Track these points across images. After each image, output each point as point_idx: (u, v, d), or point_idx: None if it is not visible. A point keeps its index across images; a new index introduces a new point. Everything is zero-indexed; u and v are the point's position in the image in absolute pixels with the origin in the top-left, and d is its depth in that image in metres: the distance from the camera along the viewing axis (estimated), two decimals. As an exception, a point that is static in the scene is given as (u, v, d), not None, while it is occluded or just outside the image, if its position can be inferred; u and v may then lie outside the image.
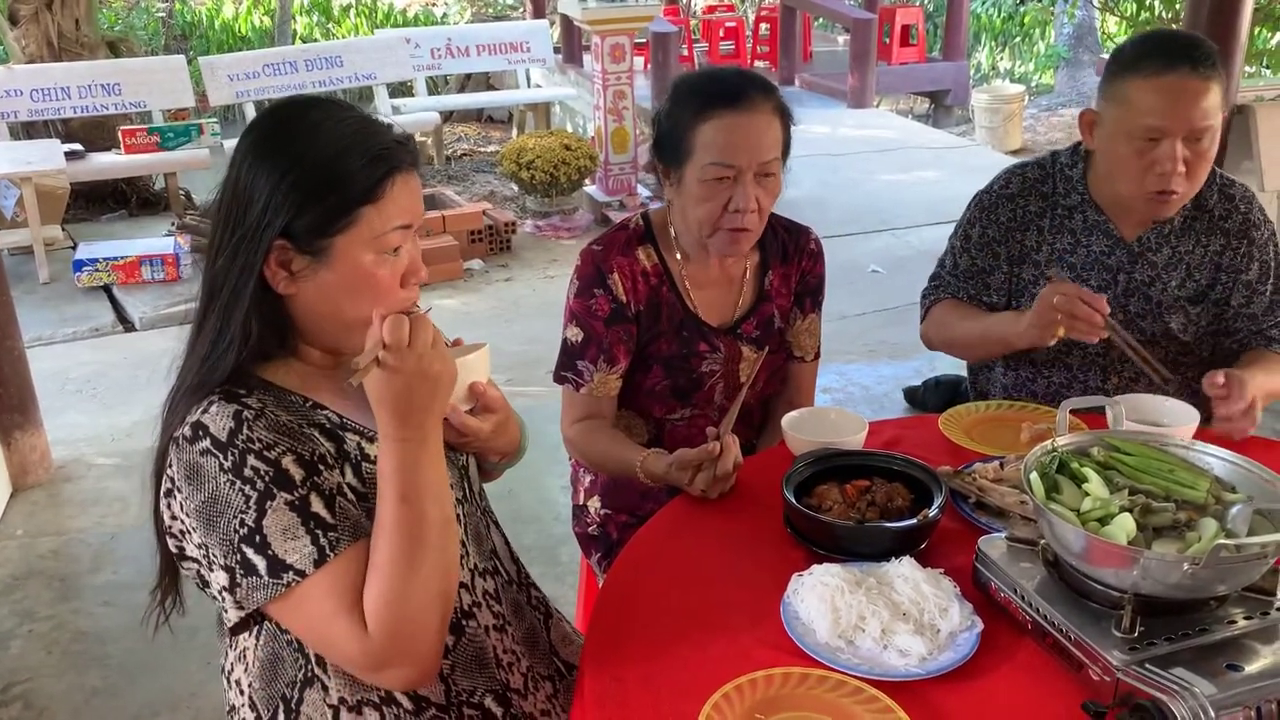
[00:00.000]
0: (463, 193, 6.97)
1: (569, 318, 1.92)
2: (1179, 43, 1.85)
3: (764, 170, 1.79)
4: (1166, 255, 2.01)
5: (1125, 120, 1.85)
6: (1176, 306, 2.02)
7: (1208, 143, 1.84)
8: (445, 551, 1.21)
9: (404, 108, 7.53)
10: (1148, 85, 1.82)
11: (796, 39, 10.73)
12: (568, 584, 2.87)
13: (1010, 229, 2.07)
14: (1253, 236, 2.00)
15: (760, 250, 1.98)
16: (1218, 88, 1.82)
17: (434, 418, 1.20)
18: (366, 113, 1.30)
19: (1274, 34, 7.24)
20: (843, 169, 7.52)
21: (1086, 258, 2.03)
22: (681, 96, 1.83)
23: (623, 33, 6.21)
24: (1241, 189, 2.04)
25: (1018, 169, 2.11)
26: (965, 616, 1.31)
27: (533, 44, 8.27)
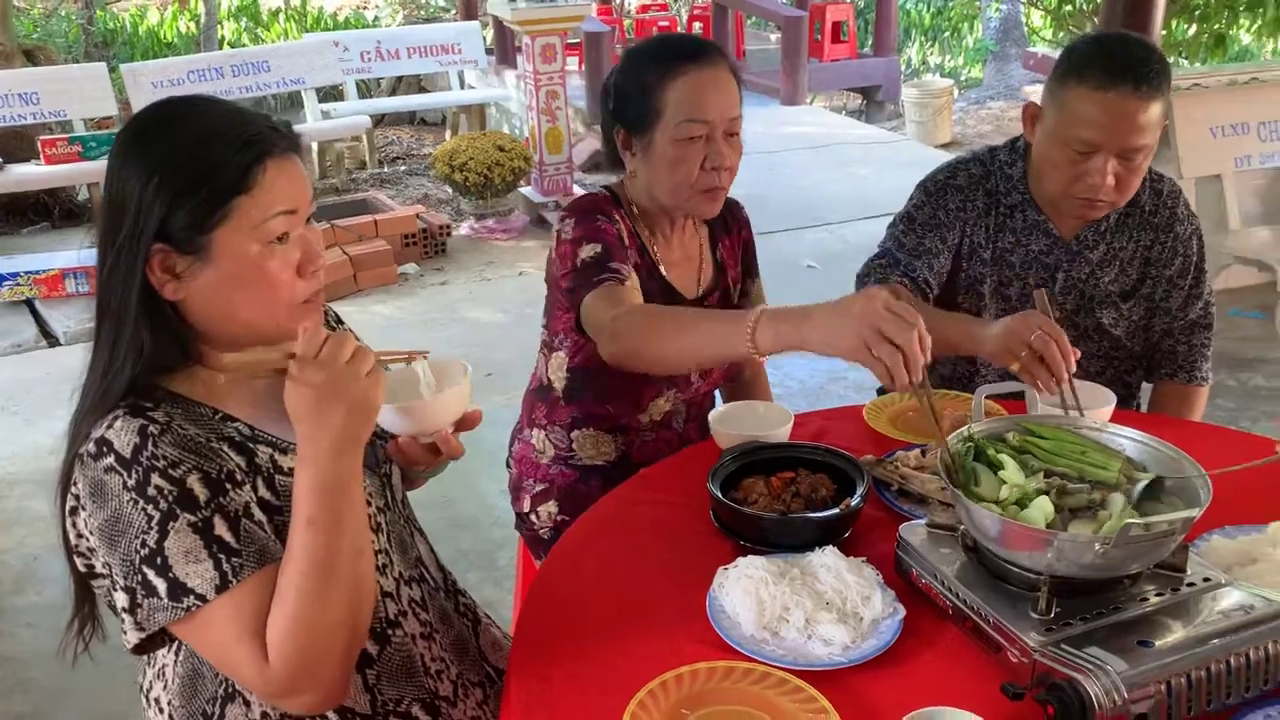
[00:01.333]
0: (396, 196, 6.90)
1: (573, 246, 1.76)
2: (1127, 57, 1.80)
3: (731, 129, 1.78)
4: (1102, 252, 2.03)
5: (1062, 127, 1.85)
6: (1109, 302, 2.04)
7: (1141, 159, 1.84)
8: (356, 581, 1.17)
9: (334, 112, 7.44)
10: (1089, 97, 1.80)
11: (729, 37, 10.77)
12: (505, 588, 2.85)
13: (960, 217, 2.04)
14: (1177, 231, 2.02)
15: (707, 224, 1.99)
16: (1160, 104, 1.80)
17: (347, 442, 1.15)
18: (235, 103, 1.26)
19: (1190, 25, 7.42)
20: (778, 166, 7.58)
21: (1026, 256, 2.04)
22: (640, 61, 1.81)
23: (553, 33, 6.19)
24: (1169, 184, 2.05)
25: (961, 164, 2.09)
26: (887, 604, 1.32)
27: (464, 46, 8.22)
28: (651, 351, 1.56)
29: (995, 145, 2.11)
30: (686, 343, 1.52)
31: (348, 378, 1.14)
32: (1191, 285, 2.05)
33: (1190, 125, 4.31)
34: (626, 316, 1.62)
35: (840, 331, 1.31)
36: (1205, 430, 1.94)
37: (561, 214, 1.85)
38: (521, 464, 2.02)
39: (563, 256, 1.78)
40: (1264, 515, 1.47)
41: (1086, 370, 2.08)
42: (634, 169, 1.84)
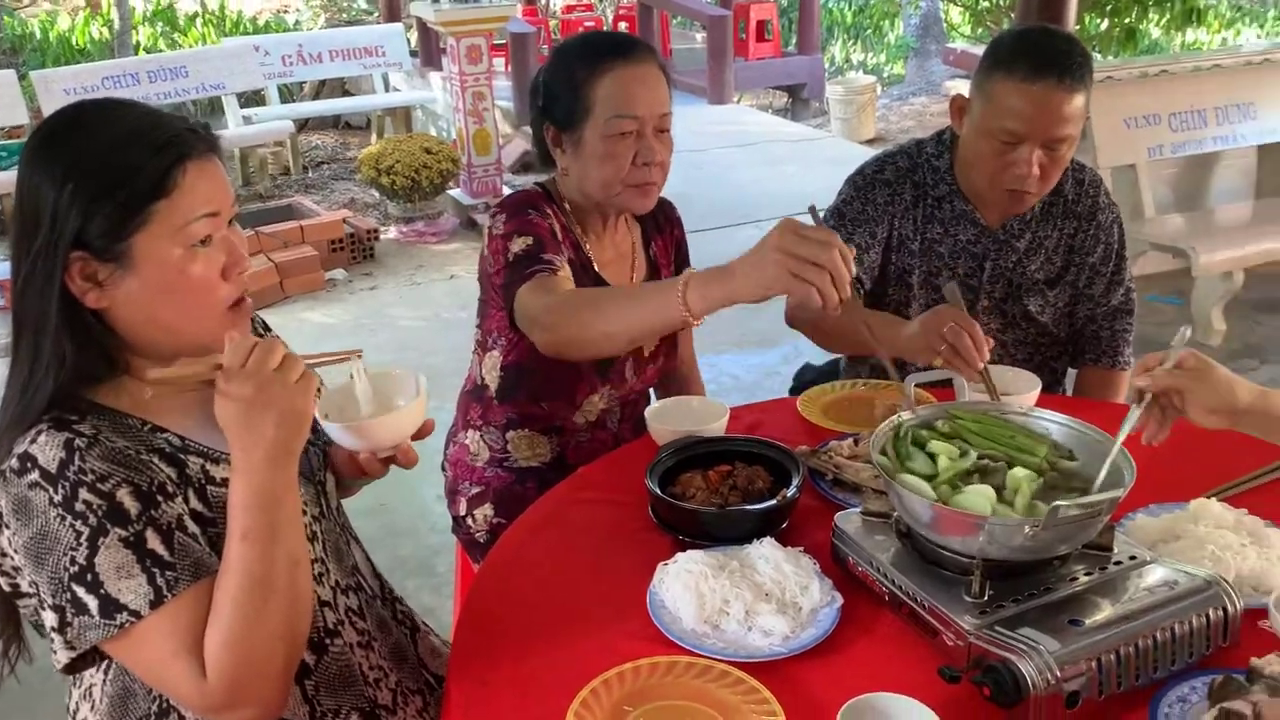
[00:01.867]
0: (322, 201, 6.80)
1: (505, 241, 1.75)
2: (1052, 50, 1.84)
3: (662, 125, 1.78)
4: (1027, 241, 2.07)
5: (988, 118, 1.88)
6: (1035, 289, 2.09)
7: (1065, 149, 1.88)
8: (293, 593, 1.15)
9: (256, 117, 7.31)
10: (1014, 89, 1.83)
11: (655, 37, 10.81)
12: (445, 594, 2.82)
13: (888, 211, 2.07)
14: (1099, 220, 2.08)
15: (639, 223, 1.99)
16: (1083, 96, 1.84)
17: (280, 452, 1.12)
18: (151, 106, 1.23)
19: (1102, 20, 7.62)
20: (706, 165, 7.61)
21: (954, 246, 2.07)
22: (569, 58, 1.80)
23: (478, 34, 6.15)
24: (1091, 174, 2.11)
25: (889, 158, 2.12)
26: (825, 592, 1.34)
27: (388, 48, 8.12)
28: (587, 334, 1.56)
29: (922, 138, 2.14)
30: (621, 319, 1.52)
31: (276, 386, 1.12)
32: (1113, 272, 2.10)
33: (1105, 116, 4.41)
34: (559, 305, 1.61)
35: (763, 268, 1.32)
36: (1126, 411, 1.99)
37: (493, 210, 1.83)
38: (457, 467, 2.00)
39: (495, 252, 1.77)
40: (1186, 493, 1.52)
41: (1014, 357, 2.13)
42: (565, 166, 1.83)
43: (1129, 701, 1.16)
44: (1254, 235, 4.39)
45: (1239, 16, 12.91)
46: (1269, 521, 1.44)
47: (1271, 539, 1.40)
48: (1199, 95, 4.63)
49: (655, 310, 1.46)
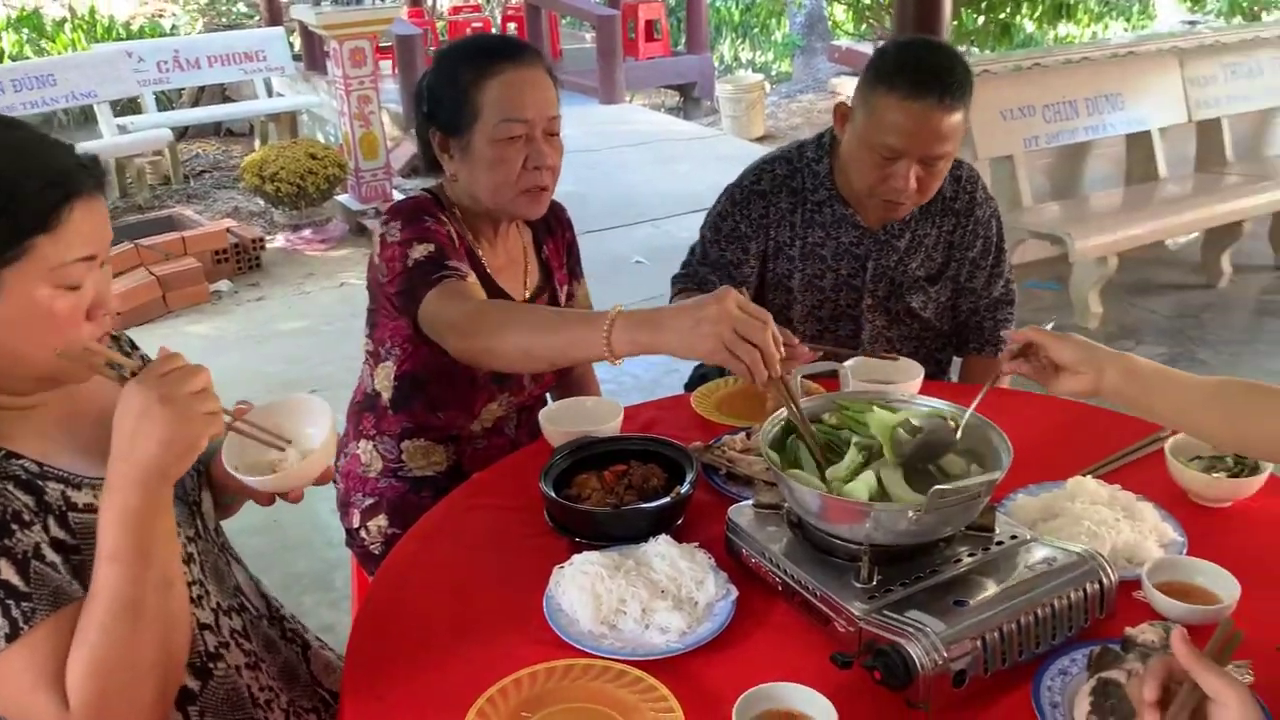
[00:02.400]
0: (205, 211, 6.60)
1: (403, 248, 1.70)
2: (934, 68, 1.86)
3: (552, 128, 1.76)
4: (908, 240, 2.11)
5: (869, 131, 1.91)
6: (917, 286, 2.14)
7: (943, 165, 1.92)
8: (166, 618, 1.10)
9: (132, 126, 7.05)
10: (895, 106, 1.85)
11: (544, 37, 10.77)
12: (344, 609, 2.76)
13: (762, 225, 2.11)
14: (977, 215, 2.13)
15: (530, 227, 1.97)
16: (962, 113, 1.88)
17: (156, 475, 1.07)
18: (42, 132, 1.18)
19: (979, 16, 7.86)
20: (599, 164, 7.61)
21: (837, 249, 2.11)
22: (454, 61, 1.77)
23: (362, 36, 6.04)
24: (968, 170, 2.15)
25: (767, 165, 2.14)
26: (720, 586, 1.35)
27: (269, 52, 7.92)
28: (507, 348, 1.53)
29: (804, 141, 2.17)
30: (543, 341, 1.50)
31: (181, 405, 1.07)
32: (993, 265, 2.17)
33: (982, 110, 4.54)
34: (478, 313, 1.58)
35: (699, 336, 1.34)
36: (1005, 395, 2.05)
37: (384, 218, 1.79)
38: (349, 479, 1.96)
39: (390, 260, 1.72)
40: (1063, 472, 1.57)
41: (900, 352, 2.17)
42: (453, 172, 1.80)
43: (1014, 677, 1.19)
44: (1125, 221, 4.57)
45: (1107, 11, 13.47)
46: (1141, 495, 1.50)
47: (1143, 512, 1.46)
48: (1070, 87, 4.81)
49: (578, 341, 1.45)
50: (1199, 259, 5.07)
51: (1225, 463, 1.56)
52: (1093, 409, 2.05)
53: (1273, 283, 5.07)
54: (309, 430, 1.31)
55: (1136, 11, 13.36)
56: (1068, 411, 2.00)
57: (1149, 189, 5.04)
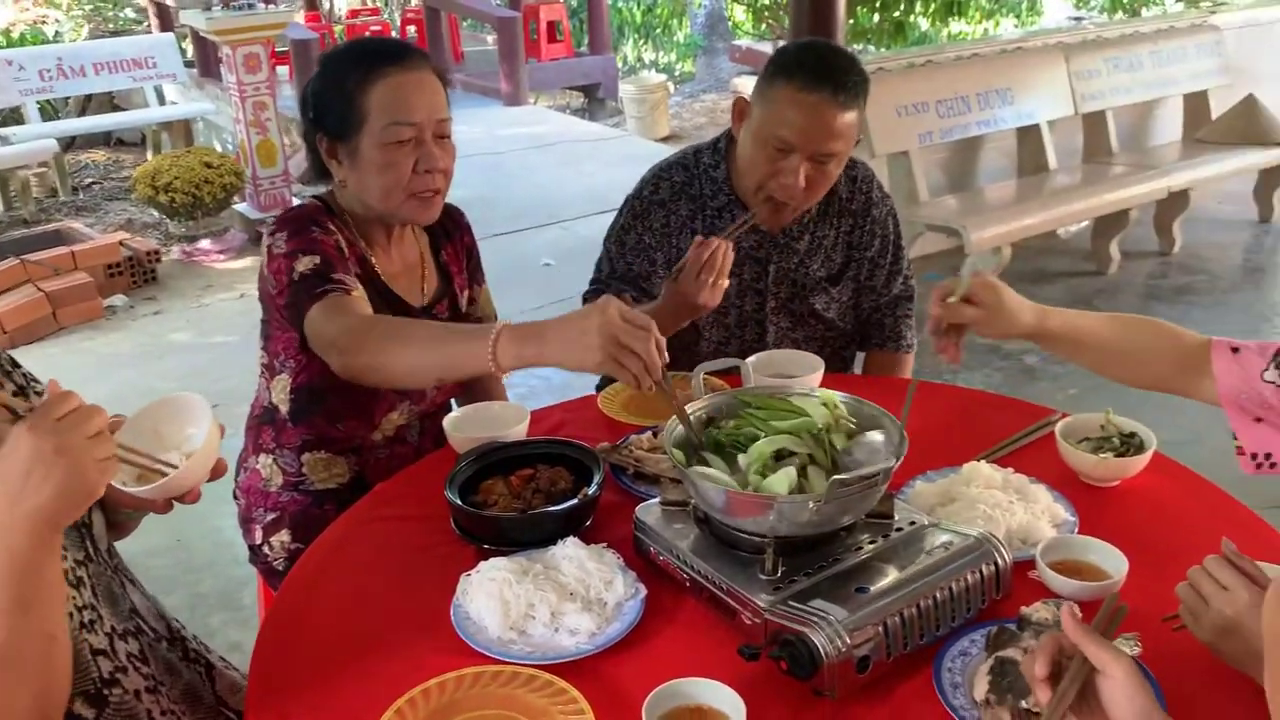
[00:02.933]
0: (96, 224, 6.39)
1: (288, 260, 1.67)
2: (831, 65, 1.87)
3: (442, 131, 1.74)
4: (807, 243, 2.14)
5: (765, 124, 1.93)
6: (819, 288, 2.16)
7: (833, 165, 1.94)
8: (47, 673, 1.04)
9: (14, 137, 6.77)
10: (791, 98, 1.87)
11: (444, 39, 10.68)
12: (252, 627, 2.69)
13: (666, 234, 2.11)
14: (874, 214, 2.16)
15: (427, 232, 1.95)
16: (855, 113, 1.90)
17: (45, 525, 1.01)
18: None
19: (874, 14, 8.03)
20: (505, 166, 7.58)
21: (739, 255, 2.09)
22: (339, 66, 1.73)
23: (256, 42, 5.90)
24: (863, 169, 2.18)
25: (664, 173, 2.14)
26: (629, 585, 1.35)
27: (160, 59, 7.68)
28: (392, 365, 1.52)
29: (700, 146, 2.17)
30: (428, 357, 1.50)
31: (78, 453, 1.01)
32: (892, 262, 2.20)
33: (878, 106, 4.64)
34: (360, 330, 1.56)
35: (584, 347, 1.36)
36: (900, 385, 2.10)
37: (272, 227, 1.75)
38: (250, 494, 1.91)
39: (277, 272, 1.69)
40: (958, 458, 1.61)
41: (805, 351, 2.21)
42: (342, 178, 1.77)
43: (915, 660, 1.22)
44: (1018, 212, 4.71)
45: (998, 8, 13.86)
46: (1033, 478, 1.55)
47: (1036, 494, 1.51)
48: (962, 83, 4.94)
49: (463, 355, 1.45)
50: (1089, 247, 5.25)
51: (1112, 443, 1.62)
52: (989, 397, 2.11)
53: (1158, 268, 5.28)
54: (190, 430, 1.27)
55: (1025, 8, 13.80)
56: (965, 400, 2.06)
57: (1040, 180, 5.21)
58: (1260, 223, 5.81)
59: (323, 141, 1.76)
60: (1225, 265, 5.31)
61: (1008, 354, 4.30)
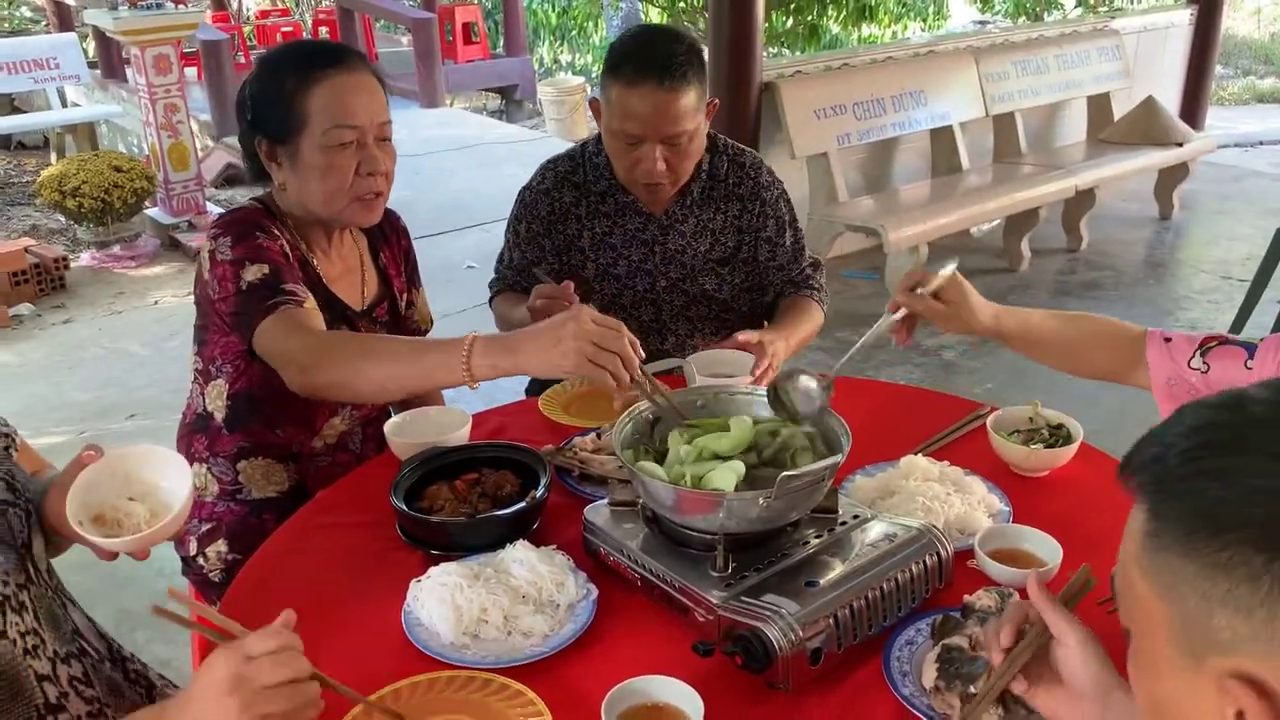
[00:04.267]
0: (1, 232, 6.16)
1: (235, 268, 1.64)
2: (652, 54, 1.93)
3: (383, 134, 1.74)
4: (693, 225, 2.18)
5: (610, 120, 2.01)
6: (708, 269, 2.20)
7: (685, 142, 2.00)
8: None
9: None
10: (623, 93, 1.95)
11: (358, 41, 10.52)
12: (180, 643, 2.63)
13: (551, 222, 2.17)
14: (764, 198, 2.21)
15: (365, 235, 1.94)
16: (692, 93, 1.95)
17: None
18: None
19: (789, 19, 8.13)
20: (425, 169, 7.49)
21: (624, 236, 2.17)
22: (278, 68, 1.72)
23: (164, 42, 5.76)
24: (751, 157, 2.23)
25: (550, 164, 2.21)
26: (581, 586, 1.36)
27: (61, 59, 7.42)
28: (359, 382, 1.52)
29: (588, 137, 2.24)
30: (399, 372, 1.51)
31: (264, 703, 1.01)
32: (793, 242, 2.25)
33: (797, 109, 4.72)
34: (322, 347, 1.56)
35: (561, 354, 1.40)
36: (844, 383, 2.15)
37: (214, 231, 1.72)
38: (184, 506, 1.87)
39: (222, 279, 1.66)
40: (896, 452, 1.65)
41: (702, 332, 2.25)
42: (283, 181, 1.75)
43: (865, 651, 1.25)
44: (933, 211, 4.82)
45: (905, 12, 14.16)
46: (968, 470, 1.60)
47: (971, 486, 1.55)
48: (877, 86, 5.05)
49: (435, 369, 1.48)
50: (1001, 245, 5.40)
51: (1041, 435, 1.68)
52: (920, 392, 2.17)
53: (1067, 264, 5.45)
54: (163, 484, 1.26)
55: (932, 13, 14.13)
56: (895, 395, 2.11)
57: (954, 180, 5.35)
58: (1161, 220, 6.05)
59: (262, 145, 1.73)
60: (1129, 261, 5.51)
61: (926, 349, 4.41)
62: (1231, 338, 1.31)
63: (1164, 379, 1.33)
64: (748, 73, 4.62)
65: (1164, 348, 1.35)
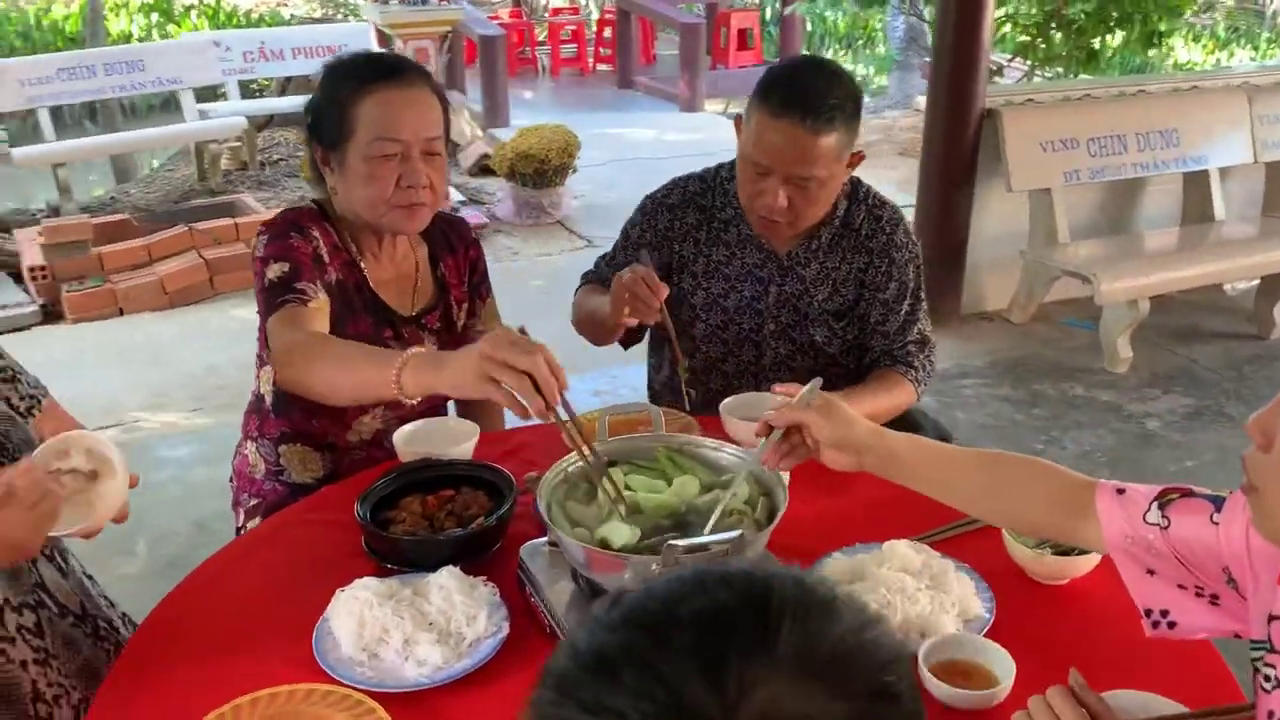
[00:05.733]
0: (272, 199, 6.80)
1: (263, 265, 1.76)
2: (803, 88, 1.85)
3: (430, 148, 1.79)
4: (815, 270, 2.07)
5: (745, 145, 1.93)
6: (821, 319, 2.09)
7: (814, 187, 1.89)
8: None
9: (213, 112, 7.32)
10: (763, 122, 1.86)
11: (633, 42, 10.84)
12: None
13: (668, 238, 2.10)
14: (894, 257, 2.07)
15: (426, 243, 2.00)
16: (834, 138, 1.85)
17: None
18: None
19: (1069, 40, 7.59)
20: (666, 172, 7.50)
21: (741, 269, 2.08)
22: (336, 76, 1.80)
23: (425, 36, 6.18)
24: (890, 211, 2.10)
25: (681, 180, 2.15)
26: (493, 624, 1.35)
27: (352, 47, 8.11)
28: (314, 382, 1.58)
29: (725, 161, 2.15)
30: (344, 379, 1.54)
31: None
32: (908, 312, 2.09)
33: (1020, 139, 4.40)
34: (293, 346, 1.62)
35: (466, 370, 1.34)
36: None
37: (259, 228, 1.84)
38: (240, 478, 2.01)
39: (255, 274, 1.78)
40: (891, 535, 1.51)
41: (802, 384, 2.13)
42: (333, 185, 1.84)
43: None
44: (1161, 264, 4.36)
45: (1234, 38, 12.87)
46: (962, 564, 1.44)
47: (954, 584, 1.40)
48: (1120, 121, 4.62)
49: (372, 379, 1.47)
50: (1252, 308, 4.81)
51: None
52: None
53: (1331, 339, 4.78)
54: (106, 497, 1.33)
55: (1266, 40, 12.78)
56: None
57: (1203, 231, 4.82)
58: None
59: (317, 149, 1.83)
60: None
61: (1128, 415, 4.00)
62: (1196, 490, 1.09)
63: (1120, 536, 1.11)
64: (969, 97, 4.36)
65: (1117, 500, 1.13)
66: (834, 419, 1.32)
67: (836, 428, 1.31)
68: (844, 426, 1.32)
